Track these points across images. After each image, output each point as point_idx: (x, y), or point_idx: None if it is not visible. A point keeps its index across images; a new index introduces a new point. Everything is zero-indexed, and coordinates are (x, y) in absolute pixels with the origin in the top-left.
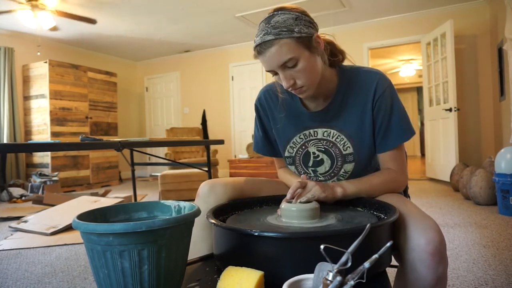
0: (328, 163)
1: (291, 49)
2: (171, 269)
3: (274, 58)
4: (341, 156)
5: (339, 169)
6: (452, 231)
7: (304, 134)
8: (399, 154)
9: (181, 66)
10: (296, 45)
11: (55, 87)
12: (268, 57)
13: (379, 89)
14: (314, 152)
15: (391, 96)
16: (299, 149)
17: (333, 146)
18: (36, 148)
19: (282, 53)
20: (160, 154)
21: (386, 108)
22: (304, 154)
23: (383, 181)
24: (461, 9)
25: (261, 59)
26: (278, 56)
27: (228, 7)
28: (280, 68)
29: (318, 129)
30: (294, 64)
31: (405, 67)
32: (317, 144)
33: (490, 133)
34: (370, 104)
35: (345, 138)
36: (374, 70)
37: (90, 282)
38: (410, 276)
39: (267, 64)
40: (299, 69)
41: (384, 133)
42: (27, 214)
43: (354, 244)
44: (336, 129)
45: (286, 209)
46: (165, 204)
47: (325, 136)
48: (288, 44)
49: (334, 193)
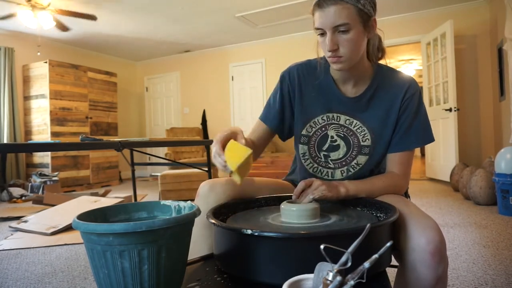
0: (344, 150)
1: (350, 16)
2: (171, 269)
3: (331, 16)
4: (358, 146)
5: (352, 159)
6: (452, 231)
7: (328, 116)
8: (408, 159)
9: (181, 66)
10: (356, 15)
11: (55, 87)
12: (327, 13)
13: (410, 91)
14: (333, 136)
15: (419, 101)
16: (318, 130)
17: (352, 134)
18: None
19: (342, 15)
20: (160, 154)
21: (412, 110)
22: (322, 137)
23: (385, 184)
24: (461, 9)
25: (318, 13)
26: (336, 17)
27: (228, 7)
28: (332, 29)
29: (341, 115)
30: (346, 30)
31: (405, 67)
32: (337, 129)
33: (490, 133)
34: (399, 104)
35: (366, 130)
36: (407, 74)
37: (90, 282)
38: (410, 276)
39: (322, 20)
40: (348, 38)
41: (403, 133)
42: (27, 214)
43: (354, 244)
44: (360, 120)
45: (286, 209)
46: (165, 204)
47: (347, 124)
48: (350, 10)
49: (338, 192)
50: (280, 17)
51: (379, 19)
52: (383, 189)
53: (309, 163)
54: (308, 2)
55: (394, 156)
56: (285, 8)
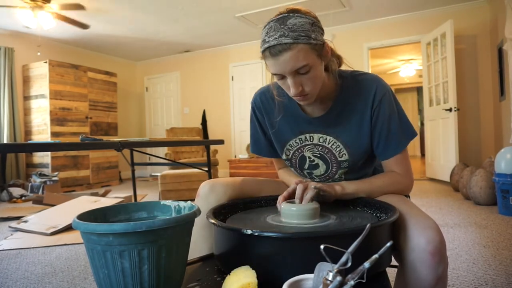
0: (324, 168)
1: (307, 56)
2: (171, 269)
3: (288, 63)
4: (336, 162)
5: (334, 173)
6: (452, 231)
7: (300, 138)
8: (403, 157)
9: (181, 66)
10: (311, 52)
11: (55, 87)
12: (282, 61)
13: (377, 96)
14: (310, 157)
15: (389, 103)
16: (295, 152)
17: (328, 152)
18: (36, 148)
19: (299, 59)
20: (160, 154)
21: (385, 116)
22: (300, 158)
23: (385, 183)
24: (461, 9)
25: (272, 61)
26: (293, 62)
27: (228, 7)
28: (292, 74)
29: (314, 134)
30: (306, 71)
31: (405, 67)
32: (312, 149)
33: (490, 133)
34: (369, 112)
35: (341, 145)
36: (372, 77)
37: (90, 282)
38: (410, 276)
39: (278, 68)
40: (310, 76)
41: (385, 141)
42: (27, 214)
43: (354, 244)
44: (333, 135)
45: (286, 209)
46: (165, 204)
47: (320, 142)
48: (305, 51)
49: (335, 191)
50: None
51: (380, 19)
52: (384, 188)
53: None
54: (308, 2)
55: (387, 161)
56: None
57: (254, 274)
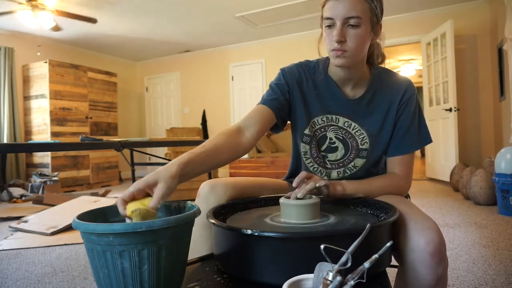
0: (342, 153)
1: (363, 10)
2: (171, 269)
3: (345, 7)
4: (356, 149)
5: (349, 161)
6: (452, 231)
7: (327, 117)
8: (408, 160)
9: (181, 66)
10: (368, 12)
11: (55, 87)
12: (342, 3)
13: (407, 93)
14: (331, 138)
15: (416, 104)
16: (318, 131)
17: (351, 137)
18: (36, 148)
19: (356, 8)
20: (160, 154)
21: (409, 114)
22: (321, 137)
23: (384, 185)
24: (461, 9)
25: (332, 2)
26: (350, 8)
27: (228, 7)
28: (342, 21)
29: (340, 117)
30: (356, 25)
31: (405, 67)
32: (336, 131)
33: (490, 133)
34: (396, 107)
35: (365, 133)
36: (404, 76)
37: (90, 282)
38: (410, 276)
39: (335, 10)
40: (357, 33)
41: (401, 137)
42: (27, 214)
43: (354, 244)
44: (358, 123)
45: (286, 204)
46: (165, 204)
47: (345, 126)
48: (364, 5)
49: (335, 190)
50: (280, 17)
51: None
52: (382, 189)
53: (309, 162)
54: (308, 2)
55: (394, 158)
56: (285, 8)
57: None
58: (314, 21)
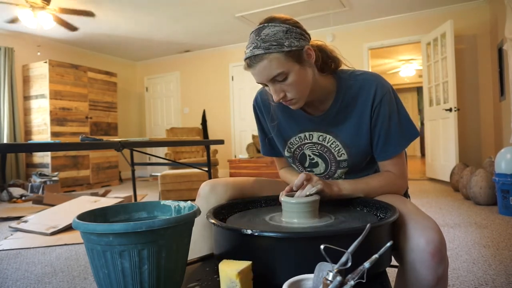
0: (323, 166)
1: (280, 64)
2: (171, 269)
3: (263, 72)
4: (335, 162)
5: (333, 172)
6: (452, 231)
7: (300, 136)
8: (399, 160)
9: (181, 66)
10: (286, 60)
11: (55, 87)
12: (258, 71)
13: (377, 96)
14: (310, 155)
15: (390, 102)
16: (296, 150)
17: (327, 151)
18: (36, 148)
19: (272, 68)
20: (160, 154)
21: (385, 116)
22: (301, 155)
23: (381, 184)
24: (461, 9)
25: (251, 72)
26: (267, 71)
27: (228, 7)
28: (270, 82)
29: (314, 132)
30: (283, 78)
31: (405, 67)
32: (311, 147)
33: (490, 133)
34: (369, 112)
35: (340, 145)
36: (372, 76)
37: (90, 282)
38: (410, 276)
39: (257, 77)
40: (289, 83)
41: (384, 141)
42: (27, 214)
43: (354, 244)
44: (332, 134)
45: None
46: (165, 204)
47: (320, 140)
48: (278, 59)
49: (331, 190)
50: None
51: (380, 19)
52: (380, 188)
53: None
54: (308, 2)
55: (384, 162)
56: (285, 8)
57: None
58: (314, 21)
